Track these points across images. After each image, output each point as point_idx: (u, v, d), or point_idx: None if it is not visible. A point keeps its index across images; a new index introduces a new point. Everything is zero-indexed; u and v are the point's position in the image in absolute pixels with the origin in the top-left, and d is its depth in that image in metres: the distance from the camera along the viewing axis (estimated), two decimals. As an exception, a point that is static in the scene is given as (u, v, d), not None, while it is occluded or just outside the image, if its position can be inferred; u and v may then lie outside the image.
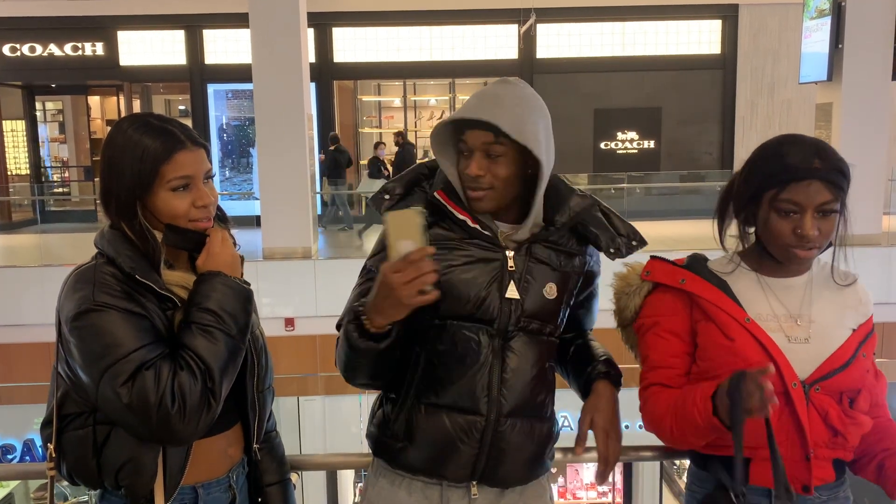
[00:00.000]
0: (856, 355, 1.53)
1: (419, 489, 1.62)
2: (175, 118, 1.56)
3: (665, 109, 12.80)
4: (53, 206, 13.32)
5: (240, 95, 12.67)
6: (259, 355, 1.61)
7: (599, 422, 1.64)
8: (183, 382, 1.35)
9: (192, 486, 1.52)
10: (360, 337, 1.47)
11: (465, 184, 1.57)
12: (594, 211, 1.66)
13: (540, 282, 1.59)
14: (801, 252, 1.49)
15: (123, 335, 1.36)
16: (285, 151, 7.80)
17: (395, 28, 12.41)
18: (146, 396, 1.33)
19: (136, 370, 1.34)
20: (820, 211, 1.46)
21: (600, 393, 1.67)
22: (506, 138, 1.51)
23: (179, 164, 1.45)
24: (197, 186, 1.47)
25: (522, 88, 1.58)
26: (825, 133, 8.43)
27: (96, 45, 12.36)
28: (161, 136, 1.44)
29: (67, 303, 1.41)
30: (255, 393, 1.60)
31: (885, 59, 8.19)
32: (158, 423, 1.34)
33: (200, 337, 1.40)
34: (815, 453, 1.51)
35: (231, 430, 1.59)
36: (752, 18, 12.51)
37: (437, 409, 1.57)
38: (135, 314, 1.39)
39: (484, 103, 1.53)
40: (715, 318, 1.55)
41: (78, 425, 1.46)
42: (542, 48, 12.48)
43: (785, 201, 1.47)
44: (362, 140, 13.83)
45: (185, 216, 1.47)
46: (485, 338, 1.56)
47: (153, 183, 1.44)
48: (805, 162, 1.45)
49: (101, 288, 1.39)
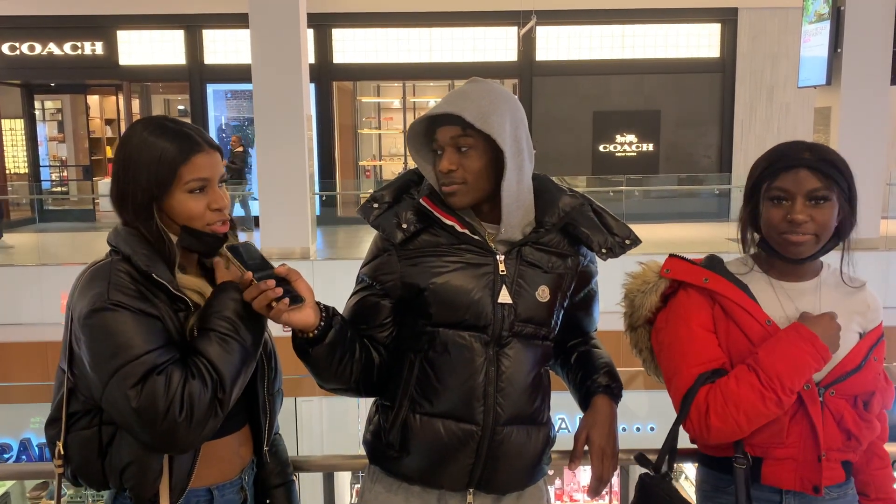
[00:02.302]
0: (867, 359, 1.55)
1: (416, 495, 1.61)
2: (188, 122, 1.57)
3: (664, 112, 12.80)
4: (52, 205, 13.31)
5: (239, 96, 12.66)
6: (269, 358, 1.61)
7: (596, 439, 1.63)
8: (193, 391, 1.34)
9: (206, 489, 1.52)
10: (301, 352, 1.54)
11: (440, 181, 1.58)
12: (585, 211, 1.65)
13: (532, 285, 1.58)
14: (793, 237, 1.51)
15: (136, 336, 1.35)
16: (284, 152, 7.80)
17: (395, 29, 12.41)
18: (155, 402, 1.31)
19: (147, 373, 1.33)
20: (811, 198, 1.50)
21: (599, 409, 1.66)
22: (472, 129, 1.52)
23: (197, 166, 1.46)
24: (213, 189, 1.48)
25: (491, 84, 1.59)
26: (824, 137, 8.45)
27: (96, 44, 12.35)
28: (178, 138, 1.45)
29: (81, 299, 1.40)
30: (265, 395, 1.59)
31: (884, 63, 8.20)
32: (163, 430, 1.32)
33: (217, 344, 1.39)
34: (828, 455, 1.53)
35: (241, 431, 1.59)
36: (752, 22, 12.52)
37: (432, 417, 1.56)
38: (148, 315, 1.38)
39: (450, 98, 1.56)
40: (737, 319, 1.55)
41: (83, 425, 1.45)
42: (541, 50, 12.48)
43: (776, 189, 1.52)
44: (361, 141, 13.83)
45: (201, 218, 1.47)
46: (479, 345, 1.55)
47: (171, 184, 1.44)
48: (795, 153, 1.53)
49: (116, 286, 1.38)
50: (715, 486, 1.63)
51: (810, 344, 1.47)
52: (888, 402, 1.61)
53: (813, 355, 1.47)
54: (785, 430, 1.52)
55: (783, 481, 1.54)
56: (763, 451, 1.54)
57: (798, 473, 1.53)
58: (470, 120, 1.50)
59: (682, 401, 1.54)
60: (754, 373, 1.48)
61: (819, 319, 1.51)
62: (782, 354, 1.47)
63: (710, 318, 1.58)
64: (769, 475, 1.55)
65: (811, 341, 1.47)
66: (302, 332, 1.50)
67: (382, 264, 1.61)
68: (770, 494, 1.57)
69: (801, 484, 1.54)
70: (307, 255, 7.89)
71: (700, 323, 1.58)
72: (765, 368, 1.47)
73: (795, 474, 1.54)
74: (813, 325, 1.50)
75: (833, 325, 1.51)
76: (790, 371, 1.46)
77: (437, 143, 1.58)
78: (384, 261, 1.61)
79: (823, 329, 1.49)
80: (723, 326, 1.57)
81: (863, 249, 1.61)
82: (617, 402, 1.71)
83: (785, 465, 1.54)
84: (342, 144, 13.05)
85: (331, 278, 7.29)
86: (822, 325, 1.50)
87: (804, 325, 1.50)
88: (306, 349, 1.52)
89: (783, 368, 1.46)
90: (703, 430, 1.52)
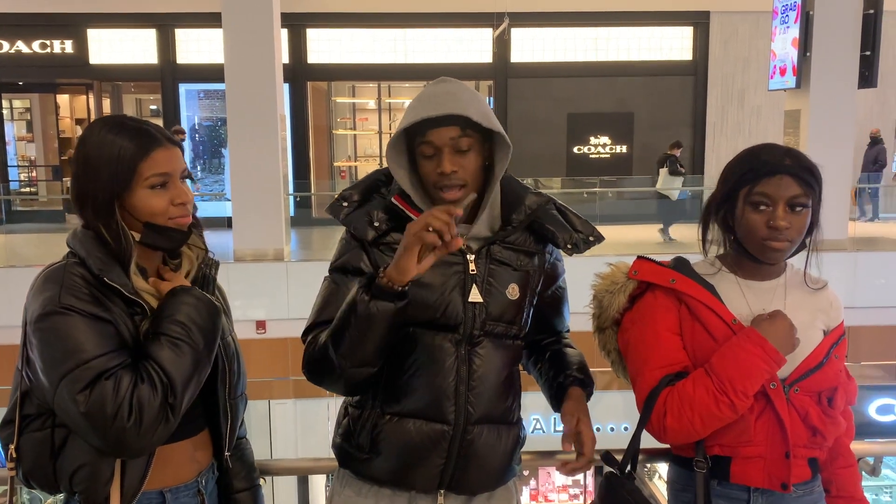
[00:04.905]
0: (828, 356, 1.59)
1: (387, 498, 1.61)
2: (147, 119, 1.55)
3: (637, 115, 12.92)
4: (20, 205, 13.08)
5: (212, 95, 12.55)
6: (231, 362, 1.58)
7: (585, 420, 1.65)
8: (142, 396, 1.33)
9: (158, 491, 1.50)
10: (374, 299, 1.41)
11: (437, 184, 1.54)
12: (550, 209, 1.66)
13: (502, 283, 1.59)
14: (774, 244, 1.54)
15: (86, 340, 1.33)
16: (258, 152, 7.74)
17: (370, 30, 12.38)
18: (103, 406, 1.30)
19: (96, 378, 1.31)
20: (791, 205, 1.53)
21: (577, 398, 1.68)
22: (471, 129, 1.51)
23: (157, 161, 1.44)
24: (174, 184, 1.47)
25: (464, 84, 1.58)
26: (794, 139, 8.58)
27: (65, 42, 12.17)
28: (137, 135, 1.44)
29: (33, 303, 1.39)
30: (226, 400, 1.57)
31: (852, 66, 8.36)
32: (112, 435, 1.31)
33: (167, 349, 1.38)
34: (794, 452, 1.56)
35: (198, 435, 1.57)
36: (723, 26, 12.68)
37: (403, 418, 1.55)
38: (100, 319, 1.36)
39: (441, 100, 1.51)
40: (703, 319, 1.58)
41: (36, 427, 1.43)
42: (516, 52, 12.53)
43: (758, 194, 1.54)
44: (336, 142, 13.77)
45: (163, 214, 1.46)
46: (450, 344, 1.54)
47: (131, 181, 1.43)
48: (776, 159, 1.55)
49: (68, 290, 1.36)
50: (685, 485, 1.65)
51: (760, 348, 1.50)
52: (851, 397, 1.65)
53: (763, 359, 1.50)
54: (752, 429, 1.55)
55: (752, 479, 1.57)
56: (732, 450, 1.57)
57: (766, 471, 1.56)
58: (477, 119, 1.49)
59: (644, 402, 1.57)
60: (710, 377, 1.51)
61: (772, 323, 1.53)
62: (733, 359, 1.50)
63: (676, 321, 1.60)
64: (738, 473, 1.58)
65: (761, 345, 1.50)
66: (393, 282, 1.41)
67: (353, 257, 1.60)
68: (739, 493, 1.59)
69: (769, 481, 1.56)
70: (281, 256, 7.84)
71: (665, 326, 1.60)
72: (717, 373, 1.50)
73: (764, 472, 1.56)
74: (765, 329, 1.52)
75: (786, 326, 1.53)
76: (741, 376, 1.49)
77: (428, 145, 1.53)
78: (355, 254, 1.60)
79: (775, 332, 1.52)
80: (689, 327, 1.59)
81: (831, 250, 1.64)
82: (588, 396, 1.72)
83: (753, 463, 1.57)
84: (317, 145, 12.98)
85: (305, 280, 7.24)
86: (773, 329, 1.52)
87: (755, 329, 1.53)
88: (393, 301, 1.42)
89: (734, 373, 1.49)
90: (661, 431, 1.56)
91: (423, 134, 1.53)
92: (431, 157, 1.53)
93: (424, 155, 1.54)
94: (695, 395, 1.51)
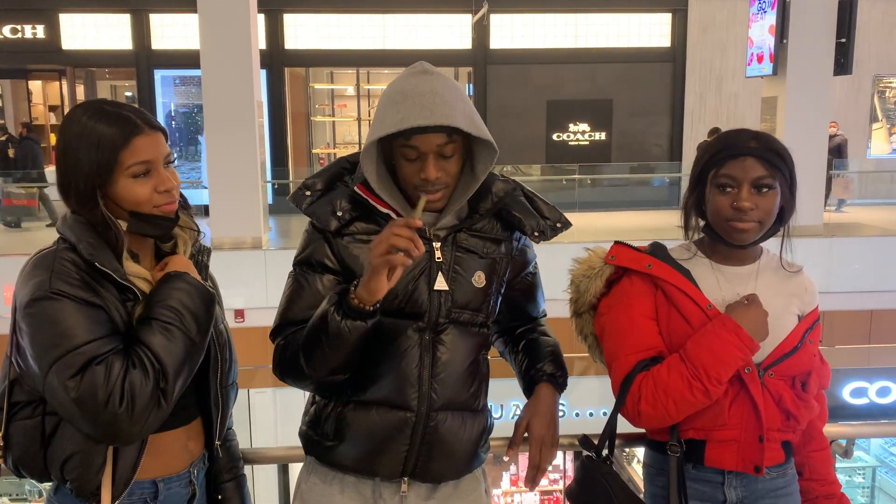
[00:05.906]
0: (803, 341, 1.61)
1: (352, 485, 1.61)
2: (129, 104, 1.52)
3: (616, 101, 12.96)
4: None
5: (188, 82, 12.39)
6: (223, 350, 1.57)
7: (536, 428, 1.65)
8: (134, 381, 1.31)
9: (151, 481, 1.49)
10: (346, 318, 1.41)
11: (420, 188, 1.51)
12: (517, 195, 1.65)
13: (468, 271, 1.58)
14: (739, 224, 1.55)
15: (76, 326, 1.32)
16: (234, 139, 7.67)
17: (348, 15, 12.29)
18: (94, 392, 1.28)
19: (87, 364, 1.30)
20: (756, 186, 1.54)
21: (541, 398, 1.68)
22: (456, 134, 1.49)
23: (138, 149, 1.41)
24: (157, 171, 1.44)
25: (444, 77, 1.53)
26: (770, 125, 8.66)
27: (37, 27, 11.97)
28: (117, 122, 1.41)
29: (23, 288, 1.37)
30: (218, 388, 1.56)
31: (828, 54, 8.44)
32: (104, 422, 1.30)
33: (159, 334, 1.36)
34: (768, 436, 1.58)
35: (191, 424, 1.56)
36: (702, 12, 12.74)
37: (367, 405, 1.55)
38: (91, 305, 1.35)
39: (429, 104, 1.45)
40: (678, 304, 1.59)
41: (26, 415, 1.42)
42: (495, 38, 12.50)
43: (723, 176, 1.56)
44: (314, 129, 13.68)
45: (148, 202, 1.43)
46: (413, 332, 1.54)
47: (113, 170, 1.40)
48: (742, 142, 1.57)
49: (59, 275, 1.35)
50: (660, 468, 1.67)
51: (735, 335, 1.51)
52: (825, 381, 1.68)
53: (738, 346, 1.51)
54: (725, 413, 1.57)
55: (725, 462, 1.59)
56: (706, 433, 1.59)
57: (740, 454, 1.58)
58: (466, 129, 1.46)
59: (620, 387, 1.58)
60: (684, 363, 1.53)
61: (747, 310, 1.55)
62: (707, 346, 1.52)
63: (652, 306, 1.62)
64: (712, 457, 1.60)
65: (736, 332, 1.51)
66: (364, 303, 1.41)
67: (318, 249, 1.58)
68: (713, 475, 1.61)
69: (742, 464, 1.58)
70: (259, 244, 7.78)
71: (641, 311, 1.61)
72: (692, 360, 1.52)
73: (738, 455, 1.58)
74: (739, 315, 1.54)
75: (759, 313, 1.55)
76: (715, 362, 1.51)
77: (412, 149, 1.49)
78: (318, 247, 1.58)
79: (749, 319, 1.53)
80: (664, 312, 1.61)
81: (806, 236, 1.65)
82: (561, 391, 1.72)
83: (727, 446, 1.58)
84: (295, 132, 12.89)
85: (284, 268, 7.17)
86: (748, 316, 1.54)
87: (730, 316, 1.54)
88: (363, 319, 1.42)
89: (708, 360, 1.51)
90: (635, 416, 1.57)
91: (406, 136, 1.48)
92: (414, 160, 1.50)
93: (406, 157, 1.51)
94: (669, 381, 1.52)
